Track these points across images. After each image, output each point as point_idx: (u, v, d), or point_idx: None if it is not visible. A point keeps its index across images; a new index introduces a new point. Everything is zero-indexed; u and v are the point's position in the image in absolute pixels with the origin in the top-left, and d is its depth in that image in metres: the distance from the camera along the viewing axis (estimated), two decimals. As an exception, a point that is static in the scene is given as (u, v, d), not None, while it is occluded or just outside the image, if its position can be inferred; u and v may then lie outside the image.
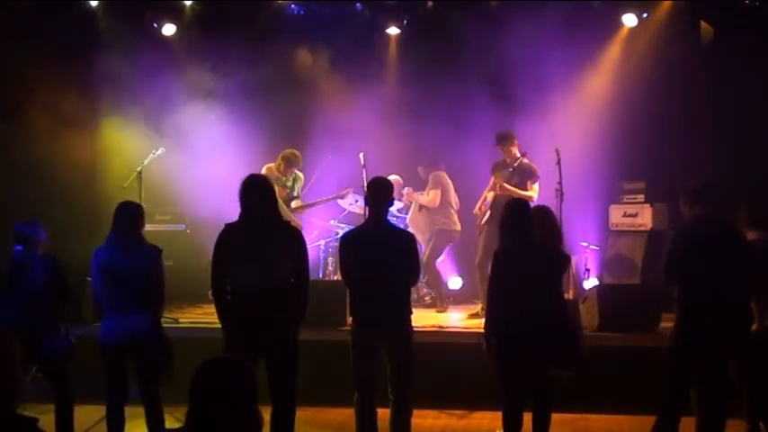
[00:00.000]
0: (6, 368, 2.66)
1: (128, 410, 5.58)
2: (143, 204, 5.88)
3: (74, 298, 6.35)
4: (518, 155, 8.35)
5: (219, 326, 5.09)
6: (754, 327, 5.51)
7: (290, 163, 8.63)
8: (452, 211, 8.97)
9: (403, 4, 10.18)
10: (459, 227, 8.97)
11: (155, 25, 10.16)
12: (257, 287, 4.88)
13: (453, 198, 9.04)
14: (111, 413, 5.49)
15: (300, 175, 8.84)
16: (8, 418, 2.62)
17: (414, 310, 5.44)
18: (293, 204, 8.73)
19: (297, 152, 8.73)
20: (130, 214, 5.53)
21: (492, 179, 8.49)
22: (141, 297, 5.37)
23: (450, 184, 9.05)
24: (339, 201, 9.16)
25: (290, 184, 8.69)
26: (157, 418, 5.48)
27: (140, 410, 5.57)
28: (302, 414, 5.52)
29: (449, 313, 8.91)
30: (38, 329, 5.49)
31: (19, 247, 5.70)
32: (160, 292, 5.46)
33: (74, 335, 5.77)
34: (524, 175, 8.29)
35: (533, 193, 8.21)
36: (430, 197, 8.94)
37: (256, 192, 5.01)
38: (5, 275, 5.65)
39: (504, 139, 8.40)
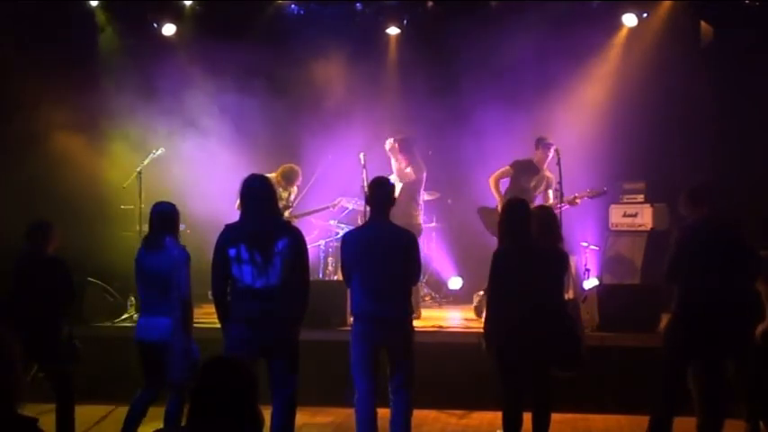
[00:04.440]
0: (6, 368, 2.66)
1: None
2: (176, 205, 5.72)
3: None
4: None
5: (219, 326, 5.09)
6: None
7: (289, 180, 8.67)
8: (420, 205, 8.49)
9: (403, 4, 10.18)
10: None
11: (155, 25, 10.17)
12: (257, 287, 4.88)
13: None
14: (135, 410, 5.47)
15: (294, 187, 8.84)
16: (8, 418, 2.62)
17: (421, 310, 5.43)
18: (285, 214, 8.71)
19: (296, 168, 8.74)
20: (158, 215, 5.53)
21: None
22: (161, 299, 5.34)
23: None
24: (343, 201, 9.14)
25: (285, 195, 8.71)
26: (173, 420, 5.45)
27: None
28: (302, 414, 5.53)
29: (449, 313, 8.91)
30: (41, 330, 5.50)
31: (27, 247, 5.70)
32: (182, 296, 5.34)
33: (76, 336, 5.77)
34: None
35: None
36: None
37: (257, 191, 5.00)
38: (12, 276, 5.65)
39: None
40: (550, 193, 8.31)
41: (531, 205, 8.03)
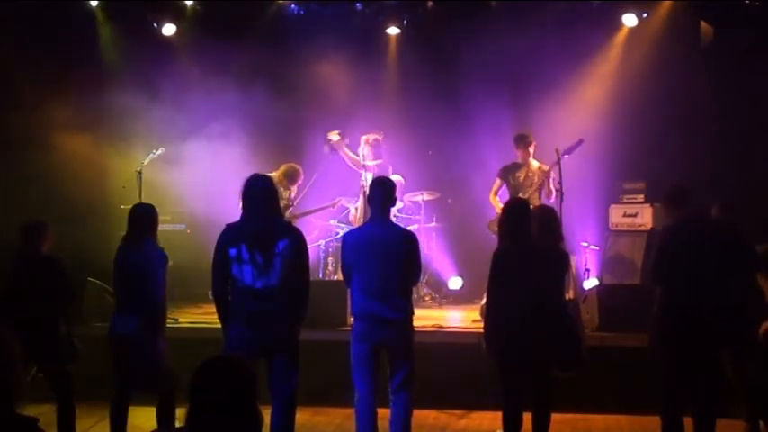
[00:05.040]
0: (6, 368, 2.66)
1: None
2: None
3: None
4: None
5: (219, 326, 5.09)
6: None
7: (291, 179, 8.68)
8: None
9: (403, 4, 10.19)
10: None
11: (155, 25, 10.17)
12: (257, 287, 4.88)
13: None
14: (113, 409, 5.48)
15: (295, 186, 8.85)
16: (8, 418, 2.62)
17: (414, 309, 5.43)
18: (286, 213, 8.71)
19: (297, 167, 8.76)
20: (136, 216, 5.57)
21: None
22: (136, 299, 5.39)
23: None
24: (343, 201, 9.14)
25: (286, 194, 8.72)
26: (165, 420, 5.47)
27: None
28: (302, 414, 5.53)
29: (449, 313, 8.91)
30: (39, 329, 5.49)
31: (22, 247, 5.70)
32: (155, 296, 5.43)
33: (75, 336, 5.77)
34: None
35: None
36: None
37: (258, 191, 5.01)
38: (9, 276, 5.65)
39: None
40: (551, 182, 8.26)
41: (536, 195, 8.13)
